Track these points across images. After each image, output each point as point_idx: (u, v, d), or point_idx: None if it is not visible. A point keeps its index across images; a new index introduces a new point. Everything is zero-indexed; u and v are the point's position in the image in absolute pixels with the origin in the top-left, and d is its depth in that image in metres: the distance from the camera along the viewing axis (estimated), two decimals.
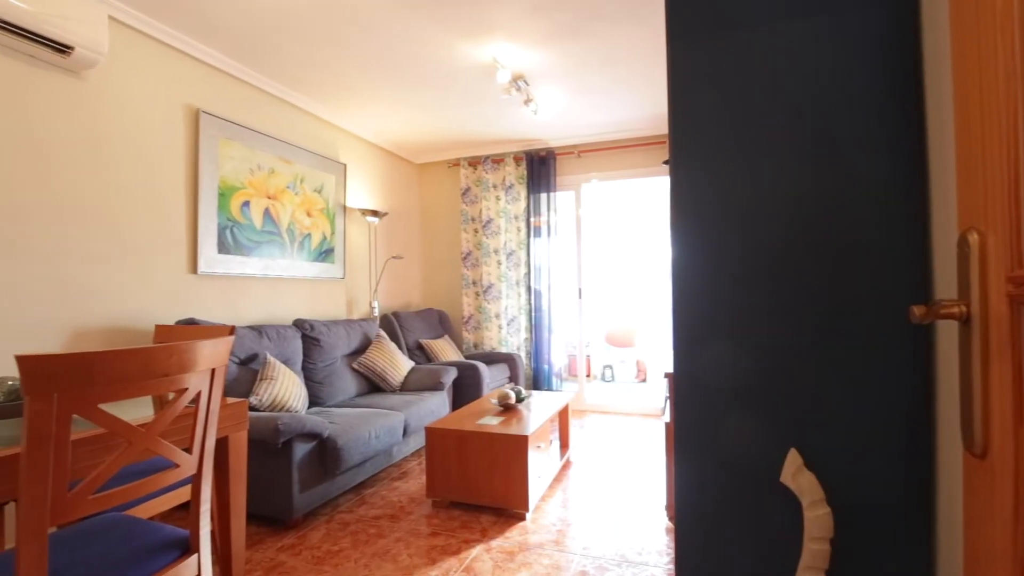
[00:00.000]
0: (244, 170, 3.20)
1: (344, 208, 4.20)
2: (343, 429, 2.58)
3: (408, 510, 2.60)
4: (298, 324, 3.32)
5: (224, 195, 3.05)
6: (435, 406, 3.51)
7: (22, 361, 0.85)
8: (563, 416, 3.42)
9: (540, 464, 2.73)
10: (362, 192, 4.51)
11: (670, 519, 2.46)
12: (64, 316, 2.30)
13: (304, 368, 3.24)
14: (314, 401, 3.21)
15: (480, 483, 2.54)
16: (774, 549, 0.98)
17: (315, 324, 3.38)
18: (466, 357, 4.73)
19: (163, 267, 2.74)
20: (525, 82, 3.51)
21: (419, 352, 4.48)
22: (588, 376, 6.55)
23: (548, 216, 4.93)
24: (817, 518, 0.89)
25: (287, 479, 2.31)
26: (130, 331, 2.57)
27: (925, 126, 0.90)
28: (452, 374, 3.84)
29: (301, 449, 2.36)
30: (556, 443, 3.39)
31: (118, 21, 2.52)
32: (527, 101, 3.71)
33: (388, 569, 2.03)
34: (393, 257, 4.59)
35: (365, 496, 2.79)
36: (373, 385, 3.73)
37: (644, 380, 7.21)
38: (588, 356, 6.49)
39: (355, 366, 3.62)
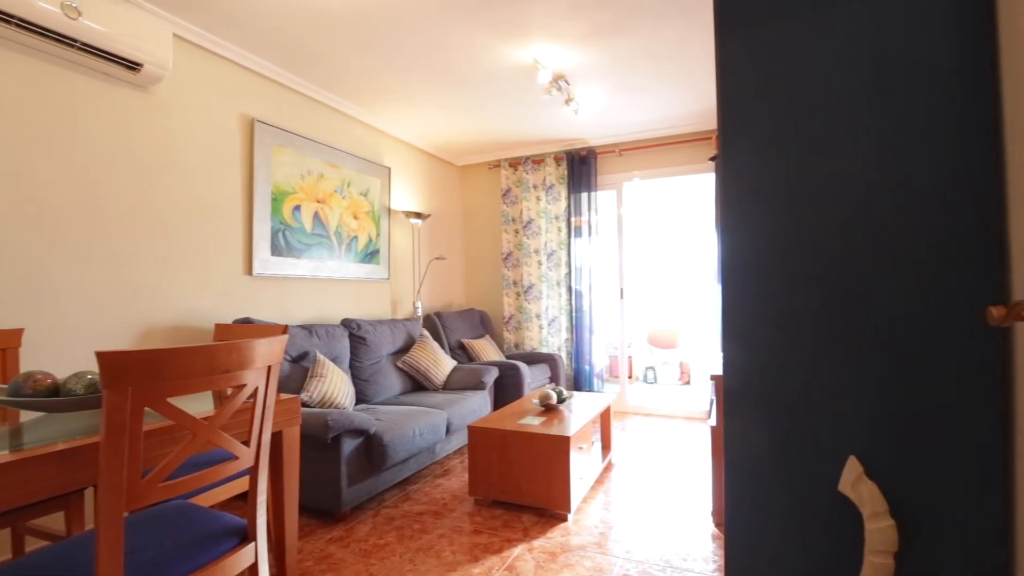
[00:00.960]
0: (295, 175, 3.33)
1: (389, 211, 4.30)
2: (389, 426, 2.65)
3: (451, 507, 2.64)
4: (346, 323, 3.43)
5: (276, 200, 3.19)
6: (477, 405, 3.55)
7: (101, 357, 0.92)
8: (605, 418, 3.39)
9: (582, 465, 2.71)
10: (406, 195, 4.61)
11: (717, 525, 2.39)
12: (133, 316, 2.46)
13: (351, 366, 3.34)
14: (360, 398, 3.30)
15: (522, 483, 2.55)
16: (830, 561, 0.94)
17: (362, 323, 3.48)
18: (507, 357, 4.76)
19: (221, 269, 2.89)
20: (566, 82, 3.49)
21: (461, 351, 4.54)
22: (630, 378, 6.45)
23: (589, 216, 4.89)
24: (880, 531, 0.84)
25: (336, 473, 2.39)
26: (192, 329, 2.72)
27: (1002, 113, 0.84)
28: (494, 374, 3.87)
29: (349, 445, 2.44)
30: (598, 445, 3.36)
31: (181, 38, 2.68)
32: (568, 101, 3.69)
33: (432, 564, 2.07)
34: (436, 258, 4.67)
35: (409, 492, 2.85)
36: (417, 383, 3.81)
37: (688, 382, 7.04)
38: (630, 357, 6.40)
39: (399, 365, 3.70)
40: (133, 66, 2.32)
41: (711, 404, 3.10)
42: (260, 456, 1.28)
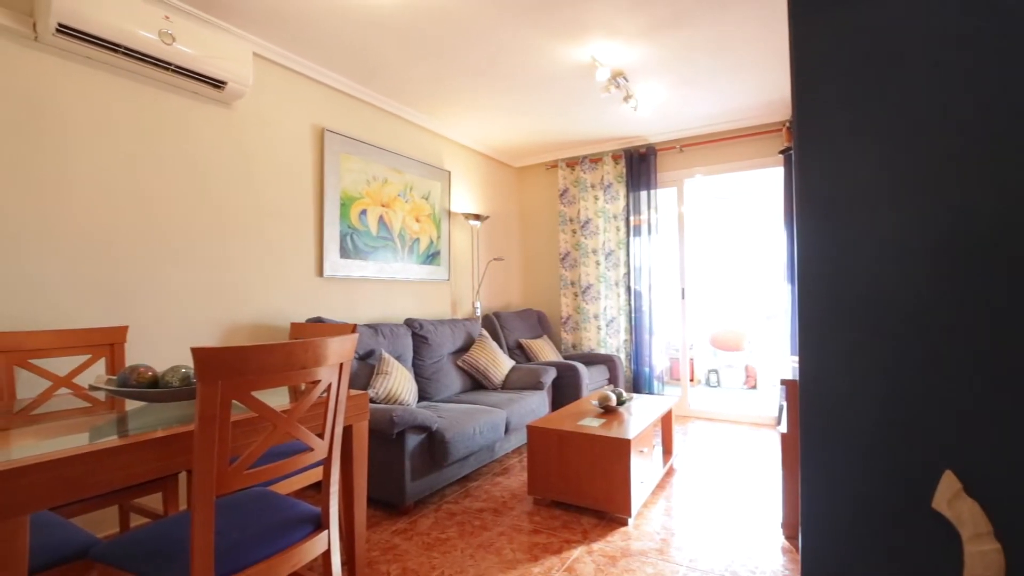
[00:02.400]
0: (361, 181, 3.49)
1: (449, 213, 4.40)
2: (450, 423, 2.71)
3: (510, 506, 2.66)
4: (409, 323, 3.54)
5: (345, 205, 3.35)
6: (535, 405, 3.56)
7: (196, 352, 1.01)
8: (666, 421, 3.30)
9: (642, 469, 2.66)
10: (465, 197, 4.70)
11: (788, 538, 2.27)
12: (219, 315, 2.66)
13: (414, 364, 3.45)
14: (422, 396, 3.40)
15: (581, 484, 2.54)
16: None
17: (424, 323, 3.58)
18: (565, 358, 4.74)
19: (295, 271, 3.07)
20: (624, 79, 3.43)
21: (519, 351, 4.57)
22: (692, 381, 6.24)
23: (648, 214, 4.78)
24: (983, 555, 0.77)
25: (400, 467, 2.47)
26: (270, 328, 2.91)
27: None
28: (552, 374, 3.86)
29: (412, 440, 2.52)
30: (659, 449, 3.28)
31: (259, 56, 2.87)
32: (626, 98, 3.63)
33: (492, 561, 2.10)
34: (494, 259, 4.73)
35: (469, 489, 2.90)
36: (476, 382, 3.87)
37: (754, 387, 6.73)
38: (691, 360, 6.19)
39: (459, 364, 3.78)
40: (218, 84, 2.51)
41: (781, 410, 2.94)
42: (333, 448, 1.35)
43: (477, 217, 4.35)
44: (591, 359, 4.66)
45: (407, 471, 2.48)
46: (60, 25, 1.98)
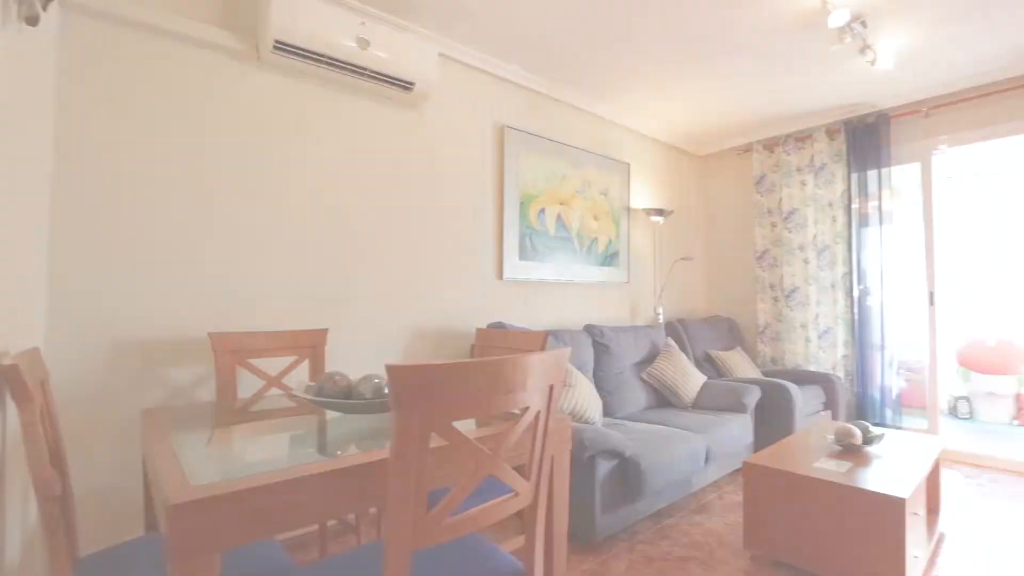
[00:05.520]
0: (540, 179, 3.30)
1: (628, 210, 4.02)
2: (644, 449, 2.33)
3: (720, 558, 2.18)
4: (588, 330, 3.24)
5: (524, 204, 3.19)
6: (737, 431, 2.98)
7: (392, 371, 0.80)
8: (933, 469, 2.47)
9: (915, 537, 1.96)
10: (644, 192, 4.26)
11: None
12: (406, 320, 2.66)
13: (595, 376, 3.13)
14: (604, 411, 3.07)
15: (824, 547, 1.94)
16: None
17: (604, 330, 3.25)
18: (764, 374, 4.00)
19: (476, 274, 2.98)
20: (863, 24, 2.68)
21: (708, 365, 3.97)
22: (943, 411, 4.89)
23: (880, 200, 3.80)
24: None
25: (590, 497, 2.16)
26: (454, 333, 2.85)
27: None
28: (756, 394, 3.23)
29: (604, 467, 2.19)
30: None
31: (442, 55, 2.84)
32: (863, 49, 2.85)
33: None
34: (682, 259, 4.19)
35: (665, 528, 2.47)
36: (662, 398, 3.41)
37: None
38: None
39: (644, 376, 3.36)
40: (407, 86, 2.50)
41: None
42: (540, 491, 1.08)
43: (660, 212, 3.88)
44: (800, 377, 3.85)
45: (597, 502, 2.16)
46: (277, 42, 2.09)
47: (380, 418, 1.40)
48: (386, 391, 1.37)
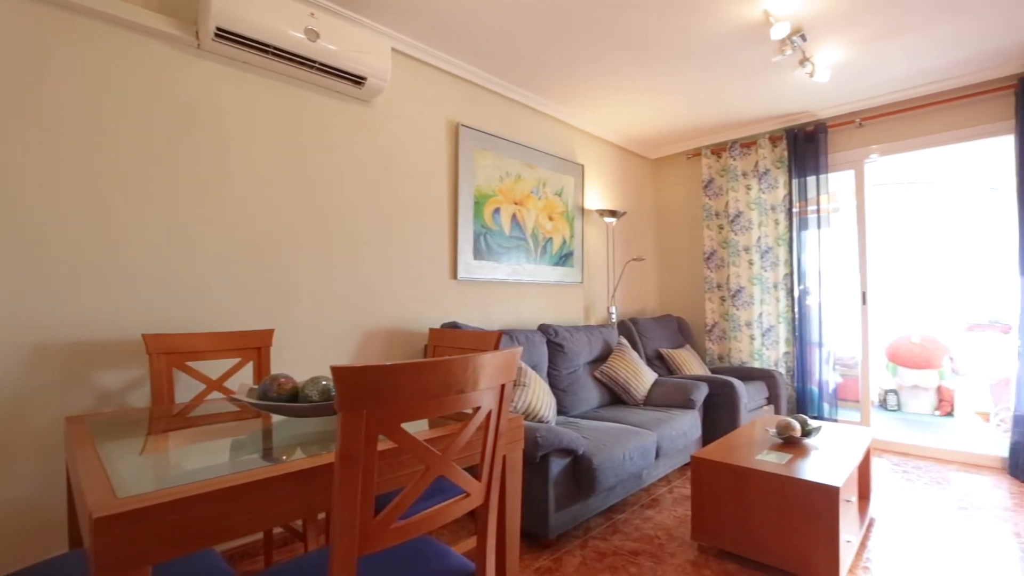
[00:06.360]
0: (495, 178, 3.29)
1: (582, 210, 4.07)
2: (597, 447, 2.37)
3: (670, 551, 2.24)
4: (543, 329, 3.27)
5: (478, 203, 3.17)
6: (686, 427, 3.07)
7: (337, 372, 0.78)
8: (864, 458, 2.63)
9: (848, 524, 2.08)
10: (597, 193, 4.34)
11: None
12: (356, 319, 2.59)
13: (549, 374, 3.16)
14: (559, 410, 3.10)
15: (764, 536, 2.04)
16: None
17: (559, 329, 3.28)
18: (712, 371, 4.15)
19: (430, 273, 2.94)
20: (803, 37, 2.82)
21: (659, 362, 4.08)
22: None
23: (818, 205, 4.02)
24: None
25: (543, 495, 2.18)
26: (407, 332, 2.80)
27: None
28: (704, 390, 3.34)
29: (557, 465, 2.21)
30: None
31: (396, 51, 2.79)
32: (802, 61, 3.00)
33: None
34: (634, 259, 4.28)
35: (616, 523, 2.52)
36: (615, 396, 3.48)
37: (949, 414, 5.46)
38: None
39: (597, 375, 3.42)
40: (359, 80, 2.44)
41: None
42: (491, 492, 1.07)
43: (613, 213, 3.96)
44: (745, 374, 4.02)
45: (551, 500, 2.18)
46: (218, 29, 1.99)
47: (328, 421, 1.36)
48: (334, 393, 1.34)
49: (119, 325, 1.87)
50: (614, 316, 4.12)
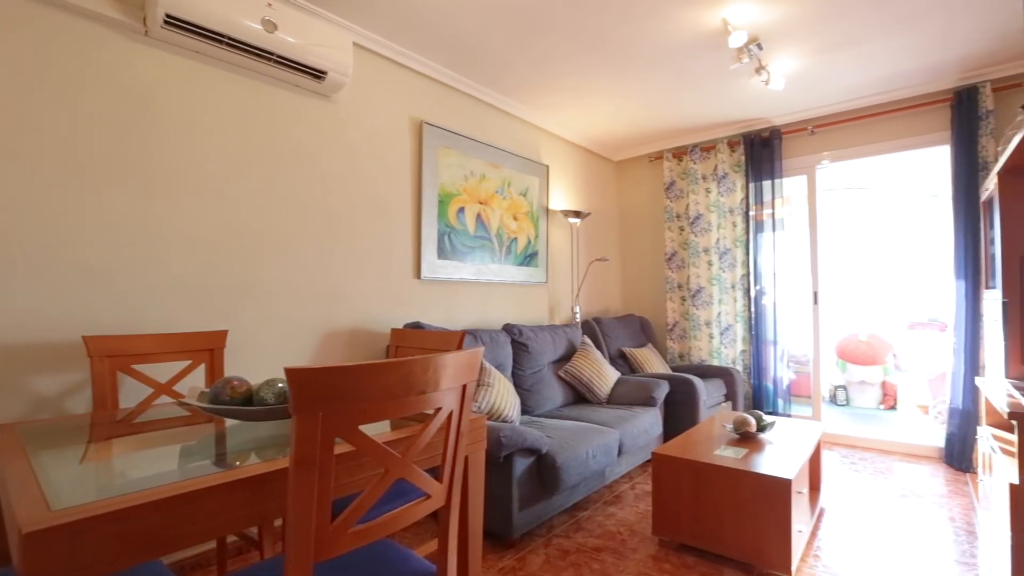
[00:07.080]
0: (459, 177, 3.27)
1: (547, 211, 4.10)
2: (560, 445, 2.38)
3: (631, 546, 2.28)
4: (507, 329, 3.27)
5: (442, 202, 3.14)
6: (648, 424, 3.13)
7: (291, 373, 0.75)
8: (815, 451, 2.75)
9: (800, 514, 2.17)
10: (562, 194, 4.37)
11: None
12: (316, 320, 2.53)
13: (513, 374, 3.16)
14: (523, 409, 3.10)
15: (722, 529, 2.10)
16: None
17: (523, 329, 3.29)
18: (672, 369, 4.25)
19: (392, 273, 2.89)
20: (759, 46, 2.92)
21: (622, 361, 4.15)
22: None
23: (773, 208, 4.17)
24: None
25: (507, 495, 2.18)
26: (368, 333, 2.75)
27: None
28: (664, 389, 3.41)
29: (520, 464, 2.22)
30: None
31: (359, 46, 2.73)
32: (758, 69, 3.11)
33: None
34: (598, 259, 4.33)
35: (580, 520, 2.55)
36: (579, 395, 3.52)
37: (892, 407, 5.77)
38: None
39: (561, 374, 3.44)
40: (319, 75, 2.37)
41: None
42: (452, 493, 1.06)
43: (577, 214, 4.00)
44: (704, 372, 4.13)
45: (515, 499, 2.18)
46: (168, 16, 1.90)
47: (285, 425, 1.32)
48: None
49: (57, 326, 1.76)
50: (578, 316, 4.16)
